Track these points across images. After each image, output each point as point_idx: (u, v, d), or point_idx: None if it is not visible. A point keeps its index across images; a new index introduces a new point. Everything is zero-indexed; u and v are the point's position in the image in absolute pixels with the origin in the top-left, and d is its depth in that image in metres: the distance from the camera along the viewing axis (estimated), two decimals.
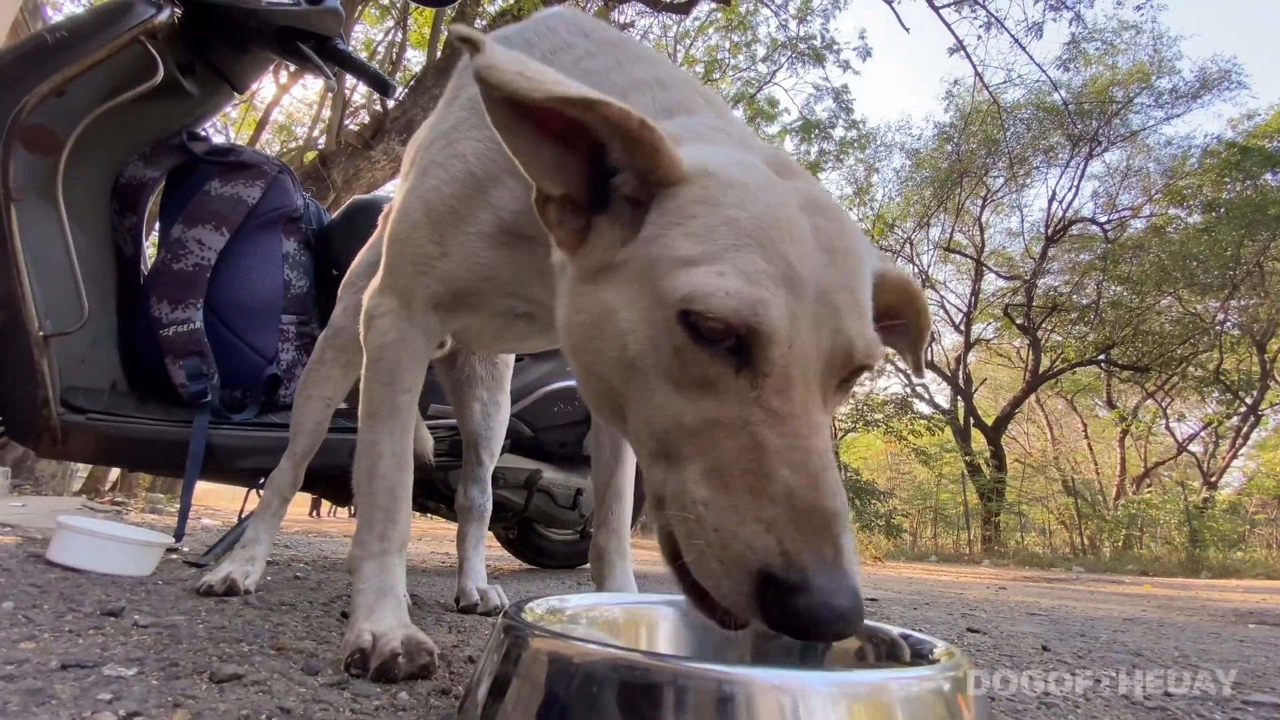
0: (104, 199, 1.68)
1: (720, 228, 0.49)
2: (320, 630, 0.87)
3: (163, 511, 4.94)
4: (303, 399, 1.23)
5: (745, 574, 0.42)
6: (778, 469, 0.43)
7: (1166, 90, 12.06)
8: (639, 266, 0.51)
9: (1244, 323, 11.91)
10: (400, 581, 0.77)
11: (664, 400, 0.49)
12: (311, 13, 1.64)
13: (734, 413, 0.46)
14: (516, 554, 2.50)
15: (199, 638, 0.73)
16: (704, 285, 0.46)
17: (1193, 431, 14.04)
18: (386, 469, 0.79)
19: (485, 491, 1.40)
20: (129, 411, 1.57)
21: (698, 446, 0.47)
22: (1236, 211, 11.06)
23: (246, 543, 1.21)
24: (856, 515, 11.29)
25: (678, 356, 0.47)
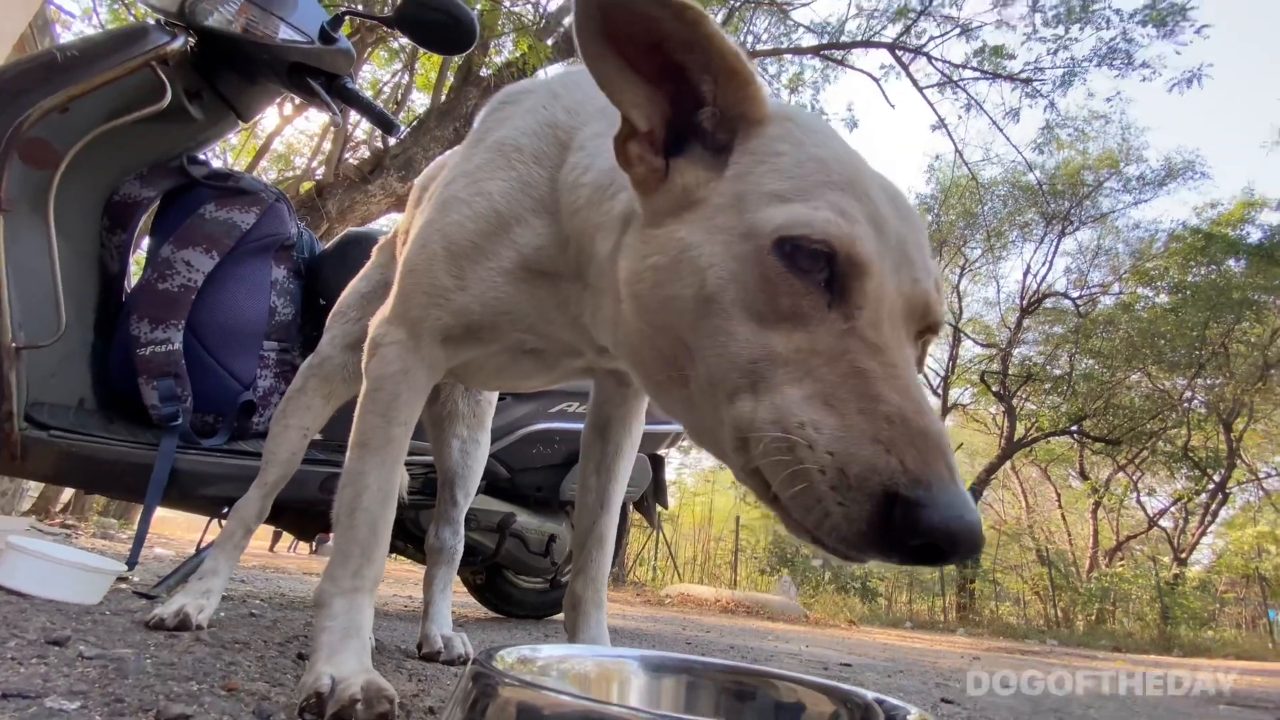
0: (95, 215, 1.67)
1: (809, 164, 0.51)
2: (275, 671, 0.83)
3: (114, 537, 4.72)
4: (280, 427, 1.20)
5: (866, 497, 0.40)
6: (886, 393, 0.43)
7: (1134, 176, 12.76)
8: (724, 201, 0.52)
9: (1211, 401, 12.25)
10: (367, 623, 0.74)
11: (749, 334, 0.48)
12: (325, 52, 1.69)
13: (830, 343, 0.46)
14: (483, 601, 2.42)
15: (146, 673, 0.69)
16: (803, 214, 0.47)
17: (1163, 506, 14.22)
18: (370, 502, 0.77)
19: (457, 533, 1.36)
20: (94, 430, 1.53)
21: (793, 375, 0.46)
22: (1201, 294, 11.54)
23: (203, 574, 1.16)
24: (834, 576, 11.15)
25: (767, 288, 0.48)
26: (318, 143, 9.25)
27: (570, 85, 0.81)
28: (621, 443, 0.96)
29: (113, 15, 6.68)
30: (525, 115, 0.79)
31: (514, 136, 0.77)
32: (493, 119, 0.84)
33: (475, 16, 1.64)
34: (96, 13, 6.68)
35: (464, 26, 1.59)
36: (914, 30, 8.02)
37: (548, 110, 0.78)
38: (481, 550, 2.05)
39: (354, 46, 1.85)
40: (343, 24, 1.78)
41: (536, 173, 0.74)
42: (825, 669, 2.08)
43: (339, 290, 1.97)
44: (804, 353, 0.46)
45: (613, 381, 0.95)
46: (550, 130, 0.76)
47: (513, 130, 0.78)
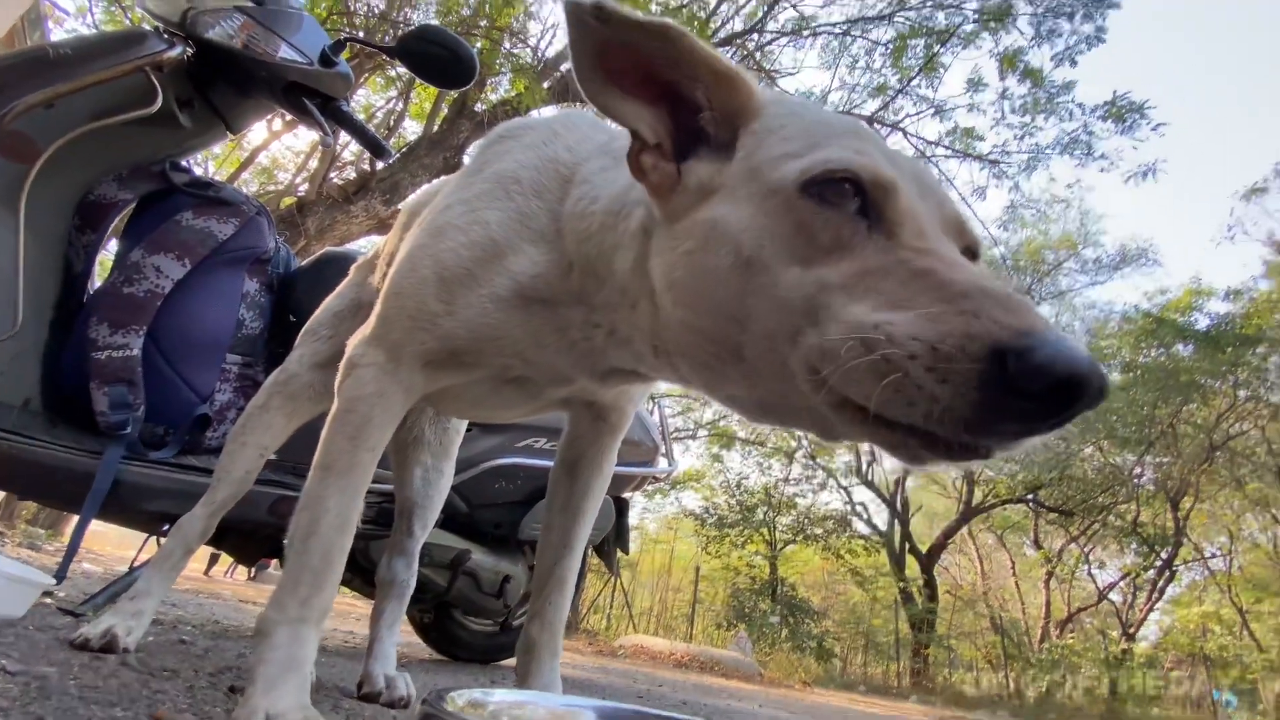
0: (68, 213, 1.63)
1: (813, 125, 0.56)
2: (203, 704, 0.78)
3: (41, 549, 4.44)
4: (237, 444, 1.15)
5: (972, 363, 0.38)
6: (956, 276, 0.43)
7: (1091, 259, 13.50)
8: (742, 175, 0.56)
9: (1159, 479, 12.66)
10: (310, 657, 0.70)
11: (797, 277, 0.49)
12: (324, 75, 1.71)
13: (881, 259, 0.47)
14: (428, 641, 2.32)
15: (70, 695, 0.65)
16: (822, 154, 0.51)
17: (1112, 580, 14.47)
18: (328, 529, 0.74)
19: (411, 566, 1.31)
20: (36, 434, 1.45)
21: (853, 295, 0.46)
22: (1151, 375, 12.07)
23: (136, 594, 1.09)
24: (790, 634, 11.00)
25: (804, 230, 0.50)
26: (304, 159, 9.24)
27: (569, 125, 0.84)
28: (591, 481, 0.95)
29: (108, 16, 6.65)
30: (525, 150, 0.81)
31: (513, 169, 0.79)
32: (491, 152, 0.85)
33: (475, 54, 1.68)
34: (91, 11, 6.66)
35: (464, 63, 1.63)
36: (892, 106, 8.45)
37: (548, 147, 0.80)
38: (432, 587, 1.98)
39: (352, 71, 1.87)
40: (344, 49, 1.81)
41: (535, 205, 0.77)
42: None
43: (311, 308, 1.94)
44: (857, 275, 0.47)
45: (589, 417, 0.95)
46: (551, 165, 0.78)
47: (512, 164, 0.80)
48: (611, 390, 0.88)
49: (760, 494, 14.33)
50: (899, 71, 8.24)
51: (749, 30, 7.69)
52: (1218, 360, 11.44)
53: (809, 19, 7.98)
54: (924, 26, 7.80)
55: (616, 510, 2.37)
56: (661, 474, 2.43)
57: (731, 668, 6.81)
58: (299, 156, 9.54)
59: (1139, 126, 7.95)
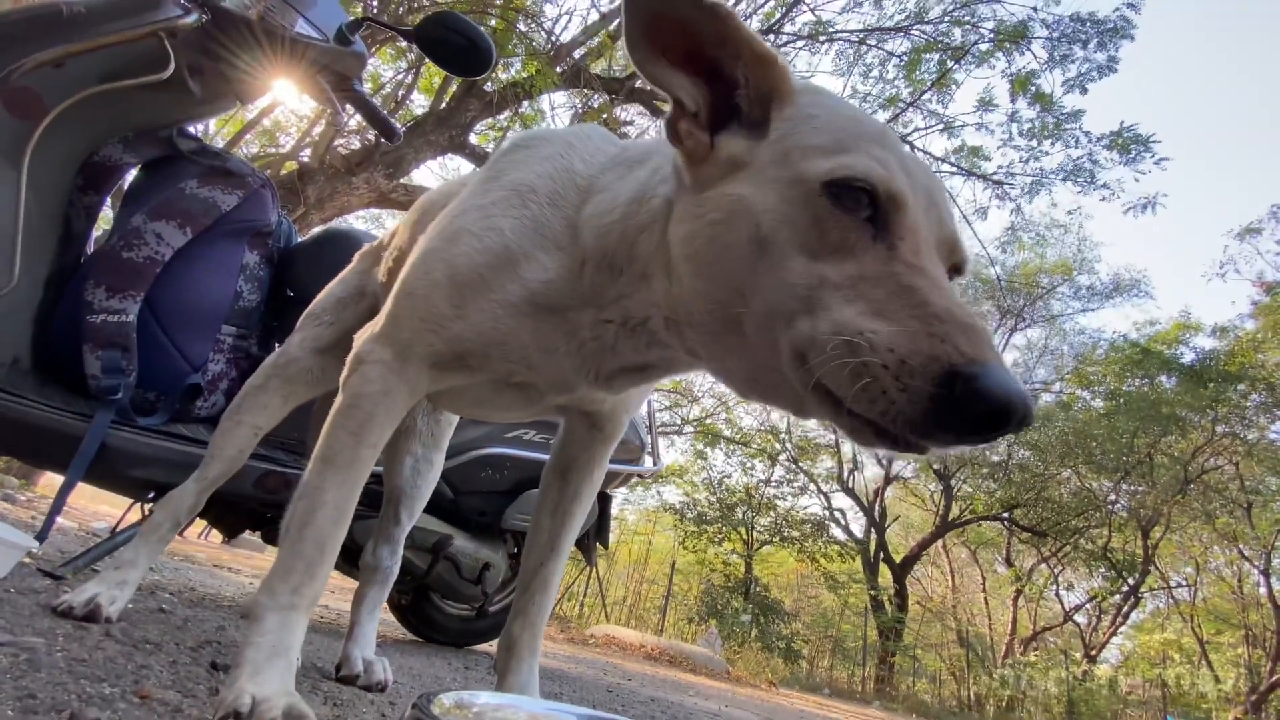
0: (71, 172, 1.62)
1: (843, 121, 0.59)
2: (187, 680, 0.80)
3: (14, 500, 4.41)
4: (231, 422, 1.16)
5: (929, 380, 0.46)
6: (935, 298, 0.49)
7: (1084, 286, 13.62)
8: (772, 157, 0.59)
9: (1132, 507, 12.87)
10: (297, 643, 0.72)
11: (804, 266, 0.54)
12: (339, 53, 1.70)
13: (877, 268, 0.52)
14: (404, 622, 2.34)
15: (58, 668, 0.66)
16: (847, 160, 0.54)
17: (1079, 602, 14.72)
18: (324, 520, 0.76)
19: (395, 553, 1.32)
20: (25, 392, 1.45)
21: (847, 296, 0.52)
22: (1134, 404, 12.24)
23: (121, 563, 1.10)
24: (760, 633, 11.12)
25: (818, 225, 0.54)
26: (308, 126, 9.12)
27: (583, 138, 0.85)
28: (582, 487, 0.97)
29: None
30: (542, 161, 0.83)
31: (530, 179, 0.81)
32: (507, 160, 0.87)
33: (493, 44, 1.68)
34: None
35: (481, 52, 1.63)
36: (901, 119, 8.47)
37: (564, 158, 0.82)
38: (413, 570, 1.99)
39: (366, 47, 1.86)
40: (361, 28, 1.80)
41: (550, 214, 0.78)
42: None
43: (309, 284, 1.94)
44: (854, 278, 0.52)
45: (584, 424, 0.96)
46: (567, 176, 0.80)
47: (529, 173, 0.82)
48: (611, 399, 0.89)
49: (741, 493, 14.43)
50: (911, 84, 8.26)
51: (765, 32, 7.66)
52: (1199, 395, 11.62)
53: (826, 24, 7.96)
54: (939, 42, 7.81)
55: (599, 504, 2.39)
56: (646, 473, 2.45)
57: (700, 664, 6.89)
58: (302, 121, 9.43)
59: (1143, 159, 8.02)
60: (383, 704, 1.05)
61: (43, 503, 4.82)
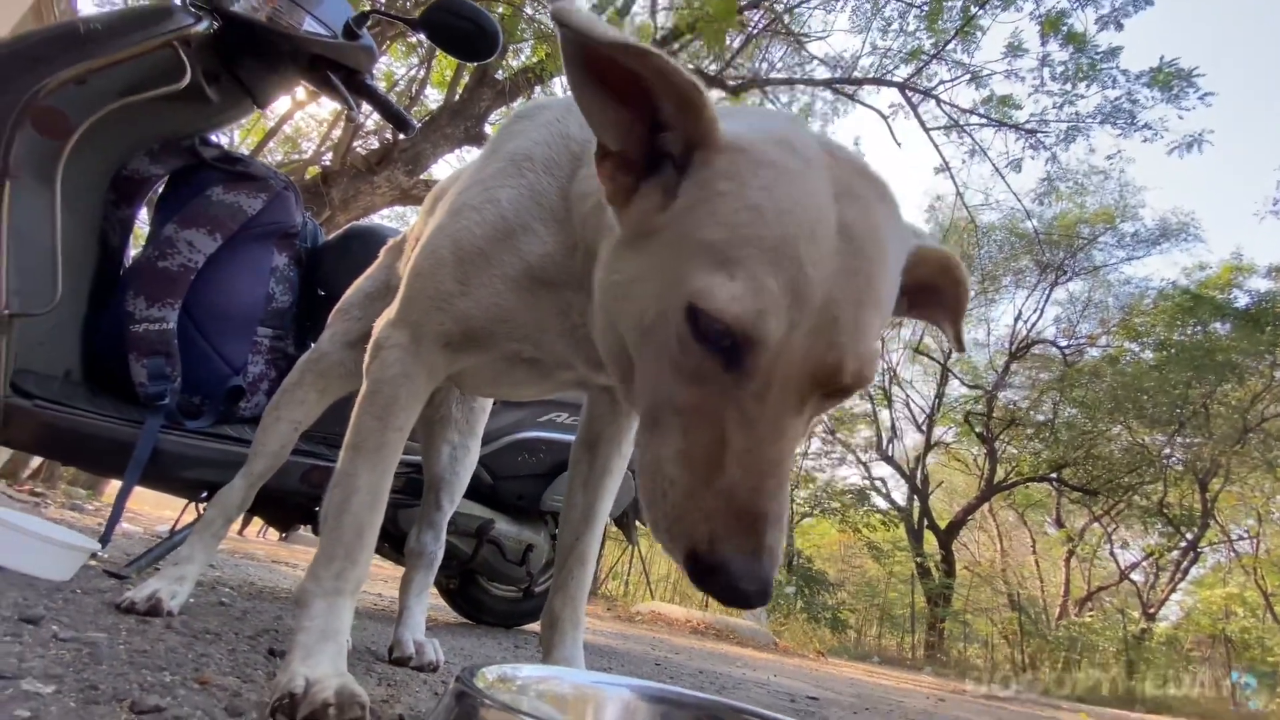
0: (102, 188, 1.67)
1: (742, 213, 0.50)
2: (245, 666, 0.82)
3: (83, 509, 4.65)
4: (271, 419, 1.20)
5: (682, 548, 0.50)
6: (731, 468, 0.49)
7: (1129, 233, 13.00)
8: (669, 238, 0.55)
9: (1188, 460, 12.41)
10: (346, 626, 0.74)
11: (663, 376, 0.54)
12: (348, 48, 1.70)
13: (715, 406, 0.51)
14: (454, 606, 2.40)
15: (120, 660, 0.69)
16: (713, 288, 0.49)
17: (1135, 560, 14.34)
18: (359, 506, 0.77)
19: (439, 538, 1.35)
20: (79, 403, 1.51)
21: (680, 425, 0.53)
22: (1187, 354, 11.73)
23: (180, 560, 1.15)
24: (805, 605, 11.13)
25: (678, 345, 0.52)
26: (327, 129, 9.25)
27: None
28: (611, 460, 0.97)
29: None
30: (540, 128, 0.81)
31: (527, 147, 0.79)
32: (508, 132, 0.86)
33: (499, 28, 1.66)
34: None
35: (488, 36, 1.61)
36: (925, 72, 8.17)
37: (561, 123, 0.80)
38: (458, 555, 2.04)
39: (374, 41, 1.86)
40: (367, 21, 1.80)
41: (546, 182, 0.76)
42: (793, 701, 2.08)
43: (338, 282, 1.97)
44: (692, 410, 0.52)
45: (605, 398, 0.96)
46: (563, 142, 0.78)
47: (526, 141, 0.80)
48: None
49: None
50: (934, 35, 7.94)
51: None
52: (1256, 339, 11.08)
53: None
54: None
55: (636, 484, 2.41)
56: None
57: (747, 637, 6.94)
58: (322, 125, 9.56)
59: (1186, 95, 7.59)
60: (435, 683, 1.08)
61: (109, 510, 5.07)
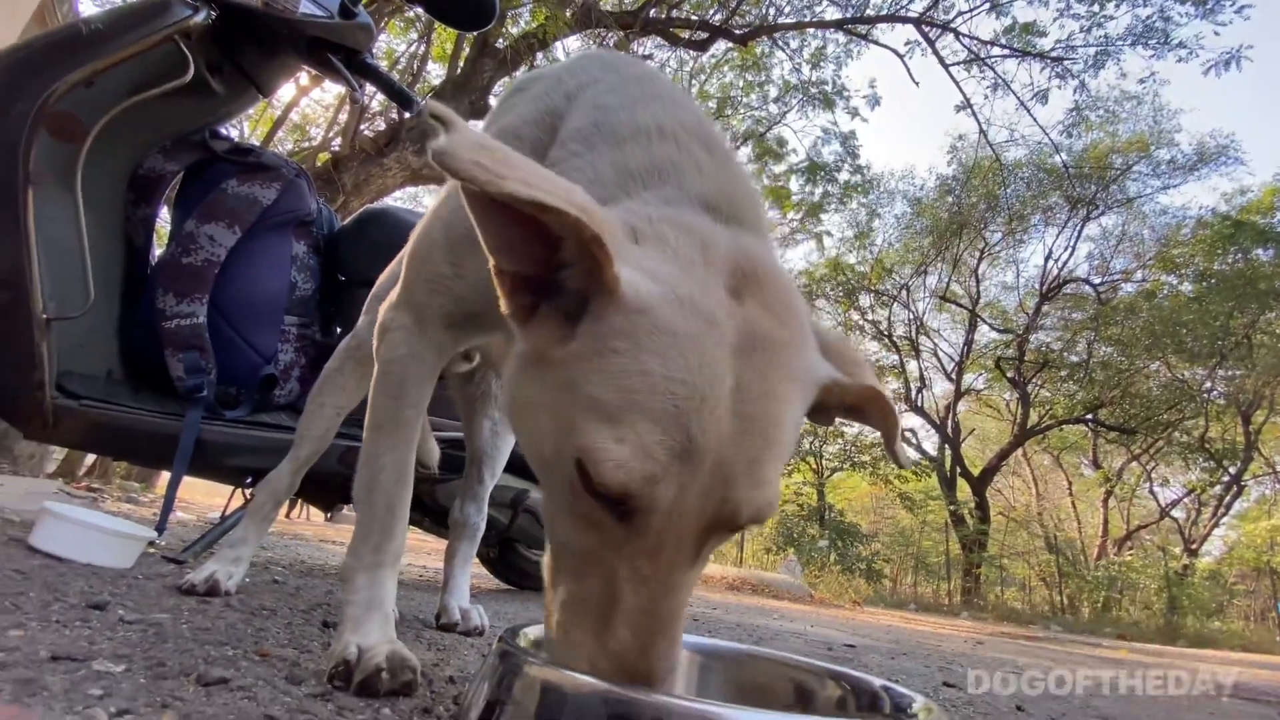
0: (121, 188, 1.70)
1: (635, 377, 0.48)
2: (302, 638, 0.87)
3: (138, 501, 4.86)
4: (315, 405, 1.24)
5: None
6: (619, 628, 0.49)
7: (1164, 161, 12.39)
8: (564, 379, 0.51)
9: (1230, 393, 12.07)
10: (390, 596, 0.77)
11: (563, 515, 0.53)
12: (344, 27, 1.68)
13: (608, 559, 0.50)
14: (495, 573, 2.48)
15: (184, 638, 0.73)
16: (601, 449, 0.46)
17: (1176, 497, 14.12)
18: (387, 482, 0.79)
19: (481, 510, 1.40)
20: (122, 400, 1.57)
21: (573, 569, 0.52)
22: (1228, 283, 11.29)
23: (234, 543, 1.20)
24: (839, 557, 11.24)
25: (573, 490, 0.50)
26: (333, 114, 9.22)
27: (575, 70, 0.80)
28: None
29: None
30: (530, 102, 0.79)
31: (516, 125, 0.77)
32: (504, 106, 0.84)
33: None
34: None
35: (485, 4, 1.58)
36: (942, 4, 7.79)
37: (550, 97, 0.77)
38: (495, 525, 2.09)
39: (371, 19, 1.84)
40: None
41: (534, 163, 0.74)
42: (829, 650, 2.11)
43: (357, 266, 1.99)
44: (585, 556, 0.51)
45: None
46: (549, 118, 0.75)
47: (516, 118, 0.78)
48: None
49: (806, 424, 14.34)
50: None
51: None
52: None
53: None
54: None
55: None
56: None
57: (783, 590, 7.05)
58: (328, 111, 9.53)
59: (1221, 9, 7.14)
60: (481, 646, 1.12)
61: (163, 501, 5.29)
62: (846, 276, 14.26)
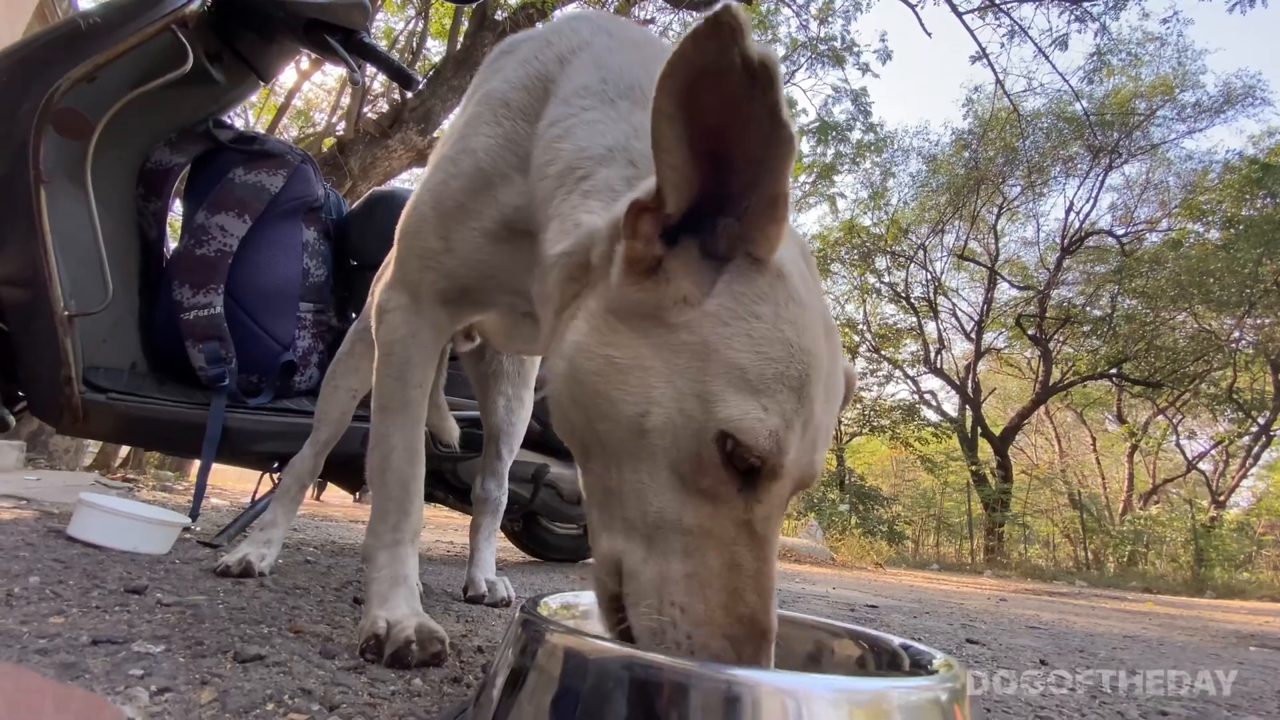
0: (130, 183, 1.71)
1: (776, 346, 0.48)
2: (334, 615, 0.89)
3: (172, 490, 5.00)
4: (330, 389, 1.26)
5: None
6: (747, 593, 0.49)
7: (1189, 104, 11.93)
8: (695, 342, 0.49)
9: (1260, 341, 11.78)
10: (413, 570, 0.79)
11: (665, 490, 0.50)
12: (339, 6, 1.66)
13: (727, 529, 0.49)
14: (520, 546, 2.53)
15: (220, 618, 0.75)
16: (750, 419, 0.47)
17: (1203, 449, 13.92)
18: (399, 462, 0.81)
19: (502, 485, 1.42)
20: (148, 392, 1.60)
21: (686, 548, 0.49)
22: (1256, 229, 10.92)
23: (264, 525, 1.24)
24: (860, 520, 11.29)
25: (696, 464, 0.48)
26: (336, 98, 9.17)
27: (563, 32, 0.77)
28: None
29: None
30: (518, 67, 0.76)
31: (503, 90, 0.75)
32: (489, 70, 0.82)
33: None
34: None
35: None
36: None
37: (539, 60, 0.74)
38: (518, 500, 2.13)
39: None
40: None
41: (523, 128, 0.72)
42: (852, 610, 2.14)
43: (367, 249, 2.00)
44: (702, 531, 0.49)
45: None
46: (540, 83, 0.73)
47: (502, 83, 0.75)
48: None
49: None
50: None
51: None
52: None
53: None
54: None
55: None
56: None
57: (805, 554, 7.12)
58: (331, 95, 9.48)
59: None
60: (508, 617, 1.15)
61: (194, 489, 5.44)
62: (862, 239, 14.03)
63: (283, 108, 8.60)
